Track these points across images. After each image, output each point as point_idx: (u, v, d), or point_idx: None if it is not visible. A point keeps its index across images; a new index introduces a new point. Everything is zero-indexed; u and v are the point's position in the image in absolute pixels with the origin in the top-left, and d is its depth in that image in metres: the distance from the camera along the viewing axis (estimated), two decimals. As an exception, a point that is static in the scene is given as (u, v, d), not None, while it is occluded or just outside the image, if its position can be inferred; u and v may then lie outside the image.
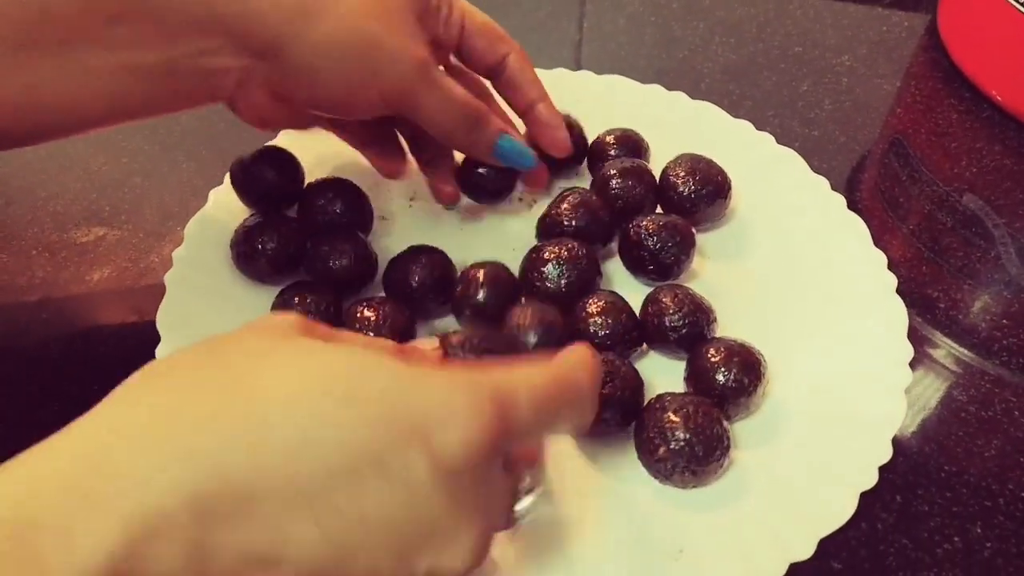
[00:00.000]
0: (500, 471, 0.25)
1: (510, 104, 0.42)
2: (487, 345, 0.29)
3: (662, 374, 0.38)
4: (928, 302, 0.43)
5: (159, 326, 0.37)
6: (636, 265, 0.40)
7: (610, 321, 0.36)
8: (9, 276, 0.43)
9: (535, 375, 0.25)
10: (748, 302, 0.40)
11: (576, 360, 0.27)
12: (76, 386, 0.39)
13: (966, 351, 0.41)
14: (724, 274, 0.42)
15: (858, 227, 0.42)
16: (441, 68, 0.38)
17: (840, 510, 0.32)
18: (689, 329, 0.37)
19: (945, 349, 0.41)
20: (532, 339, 0.32)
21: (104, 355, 0.40)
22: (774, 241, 0.43)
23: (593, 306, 0.37)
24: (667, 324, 0.37)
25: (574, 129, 0.45)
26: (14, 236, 0.45)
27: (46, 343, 0.40)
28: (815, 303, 0.40)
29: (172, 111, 0.36)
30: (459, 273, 0.39)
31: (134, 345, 0.40)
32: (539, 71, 0.51)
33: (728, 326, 0.38)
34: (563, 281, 0.38)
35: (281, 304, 0.38)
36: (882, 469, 0.33)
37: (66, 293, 0.43)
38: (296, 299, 0.37)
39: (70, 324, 0.41)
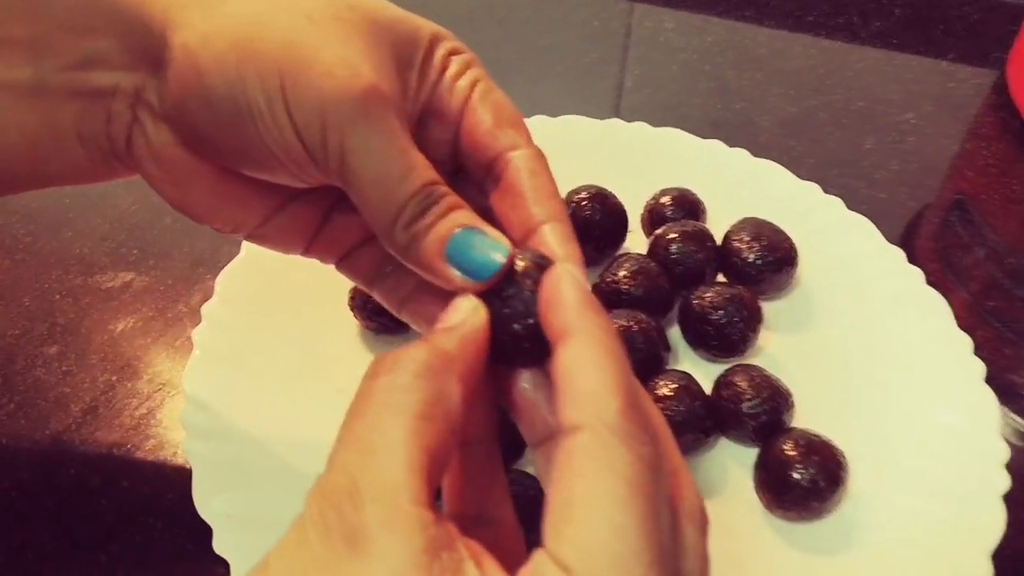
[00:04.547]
0: None
1: (505, 223, 0.26)
2: None
3: (734, 463, 0.35)
4: (1010, 388, 0.40)
5: (185, 386, 0.35)
6: (699, 339, 0.38)
7: (683, 408, 0.33)
8: (29, 322, 0.41)
9: None
10: (818, 382, 0.37)
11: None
12: (95, 447, 0.36)
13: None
14: (791, 350, 0.39)
15: (938, 304, 0.39)
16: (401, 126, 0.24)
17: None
18: (768, 417, 0.34)
19: (1032, 441, 0.38)
20: None
21: (127, 412, 0.38)
22: (844, 315, 0.40)
23: (664, 388, 0.34)
24: (744, 411, 0.34)
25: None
26: (38, 277, 0.43)
27: (64, 400, 0.38)
28: (892, 389, 0.37)
29: (49, 181, 0.27)
30: None
31: (158, 403, 0.38)
32: (589, 120, 0.49)
33: (797, 409, 0.35)
34: (632, 358, 0.35)
35: None
36: (976, 587, 0.30)
37: (88, 343, 0.40)
38: None
39: (91, 378, 0.39)
